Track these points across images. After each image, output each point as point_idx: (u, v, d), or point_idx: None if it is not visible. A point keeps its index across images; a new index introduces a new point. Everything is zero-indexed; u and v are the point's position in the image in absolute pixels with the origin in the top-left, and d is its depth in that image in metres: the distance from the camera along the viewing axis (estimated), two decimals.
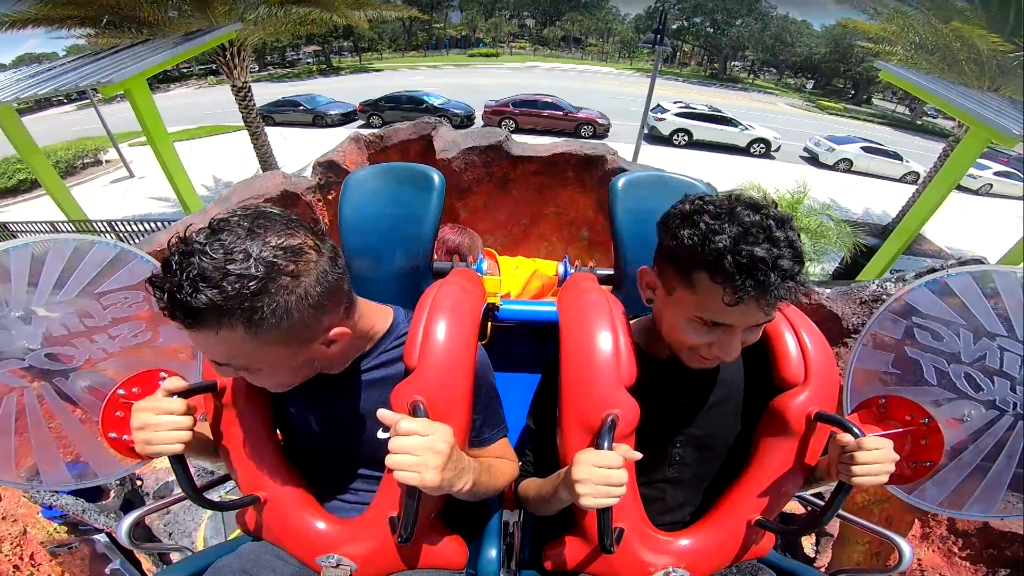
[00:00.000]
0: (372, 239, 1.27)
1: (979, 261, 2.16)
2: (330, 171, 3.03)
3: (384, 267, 1.26)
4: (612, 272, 1.30)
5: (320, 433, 0.93)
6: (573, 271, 1.36)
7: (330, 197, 3.07)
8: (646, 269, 0.86)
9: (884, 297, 2.16)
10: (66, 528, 1.77)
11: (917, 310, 0.95)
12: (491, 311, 1.40)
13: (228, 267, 0.59)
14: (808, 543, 2.07)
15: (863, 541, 1.82)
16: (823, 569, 1.98)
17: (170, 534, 2.16)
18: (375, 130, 3.22)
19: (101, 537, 1.75)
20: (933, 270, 2.24)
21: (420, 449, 0.69)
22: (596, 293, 0.98)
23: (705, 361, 0.83)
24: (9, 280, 0.89)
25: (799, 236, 0.71)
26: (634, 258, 1.25)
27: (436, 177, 1.24)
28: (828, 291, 2.28)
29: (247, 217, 0.65)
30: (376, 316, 0.91)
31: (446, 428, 0.73)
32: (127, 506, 2.05)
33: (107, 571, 1.74)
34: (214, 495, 0.98)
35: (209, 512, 2.19)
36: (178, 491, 0.94)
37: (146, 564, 1.86)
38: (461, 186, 3.07)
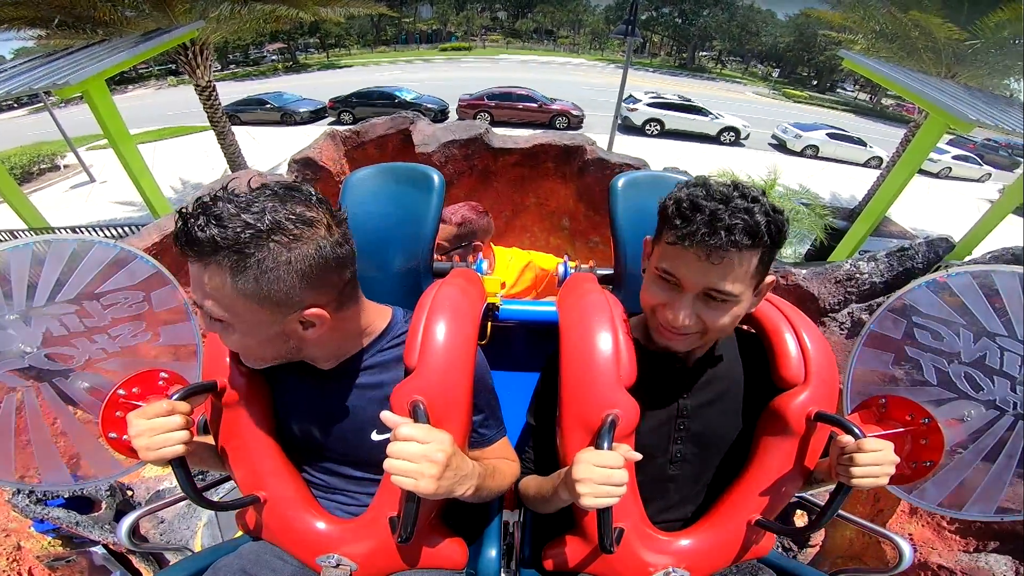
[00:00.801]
0: (372, 239, 1.25)
1: (946, 239, 2.26)
2: (306, 168, 2.98)
3: (384, 267, 1.25)
4: (612, 272, 1.30)
5: (312, 431, 0.92)
6: (573, 271, 1.36)
7: None
8: (648, 239, 0.88)
9: (857, 276, 2.24)
10: (60, 541, 1.75)
11: (917, 310, 0.94)
12: (491, 311, 1.40)
13: (242, 215, 0.64)
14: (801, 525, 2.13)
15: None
16: (808, 563, 2.03)
17: (167, 543, 2.12)
18: (351, 126, 3.17)
19: (98, 549, 1.74)
20: (903, 249, 2.33)
21: (417, 457, 0.69)
22: (596, 293, 0.98)
23: (664, 332, 0.83)
24: (9, 281, 0.88)
25: (769, 217, 0.71)
26: (634, 257, 1.25)
27: (436, 177, 1.24)
28: (804, 272, 2.35)
29: (284, 185, 0.70)
30: (374, 315, 0.91)
31: (446, 437, 0.73)
32: (119, 517, 2.02)
33: None
34: (213, 495, 0.97)
35: (205, 519, 2.17)
36: (176, 493, 0.94)
37: (146, 573, 1.84)
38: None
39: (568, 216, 3.50)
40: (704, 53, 47.98)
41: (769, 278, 0.81)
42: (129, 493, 2.21)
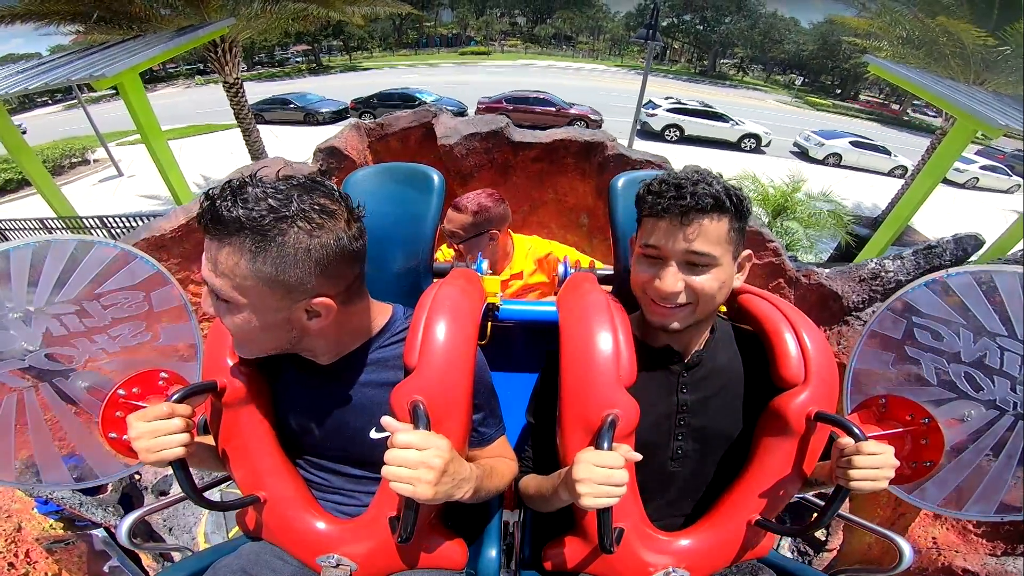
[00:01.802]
0: (372, 239, 1.22)
1: (975, 236, 2.21)
2: (331, 157, 3.03)
3: (384, 267, 1.25)
4: (612, 272, 1.30)
5: (312, 429, 0.92)
6: (573, 271, 1.36)
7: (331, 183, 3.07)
8: (632, 237, 0.94)
9: (883, 274, 2.20)
10: (62, 524, 1.72)
11: (917, 310, 0.95)
12: (491, 311, 1.40)
13: (268, 199, 0.67)
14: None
15: (873, 521, 1.82)
16: (824, 568, 1.96)
17: (170, 529, 2.13)
18: (376, 119, 3.22)
19: (99, 532, 1.70)
20: (930, 247, 2.28)
21: (415, 463, 0.69)
22: (596, 293, 0.99)
23: (658, 309, 0.86)
24: (9, 280, 0.88)
25: (729, 189, 0.81)
26: None
27: (436, 177, 1.24)
28: (827, 271, 2.31)
29: (309, 178, 0.73)
30: (376, 312, 0.92)
31: (443, 442, 0.73)
32: (125, 500, 2.02)
33: (105, 568, 1.70)
34: (213, 494, 0.96)
35: None
36: (177, 489, 0.93)
37: (146, 560, 1.82)
38: (463, 172, 3.08)
39: (587, 213, 3.50)
40: (725, 60, 47.63)
41: (746, 252, 0.89)
42: (136, 477, 2.22)
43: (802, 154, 16.70)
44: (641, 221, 0.88)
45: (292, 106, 18.02)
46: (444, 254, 1.90)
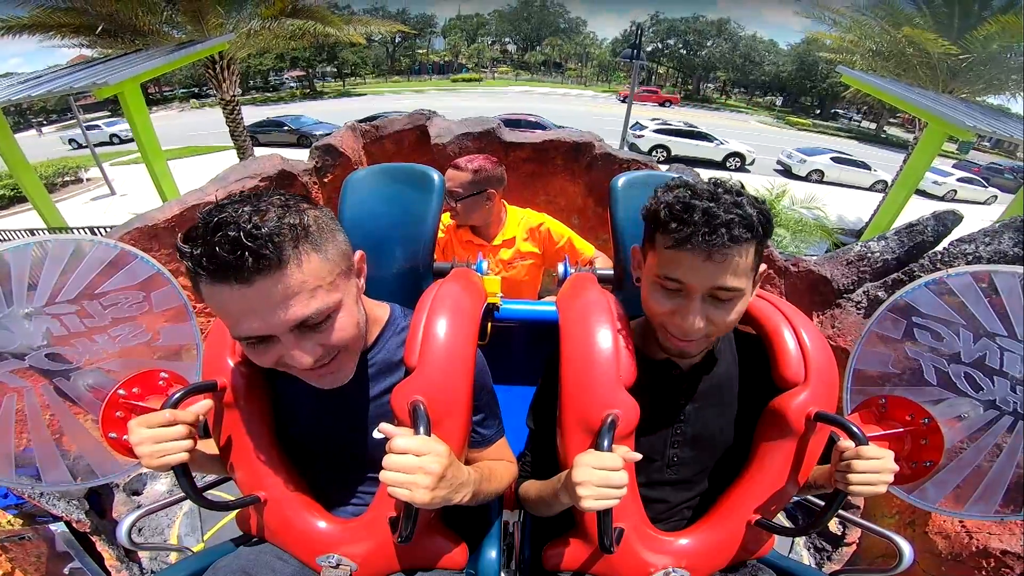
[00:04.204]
0: (372, 239, 1.25)
1: (953, 212, 2.31)
2: (327, 155, 3.11)
3: (384, 267, 1.26)
4: (612, 272, 1.30)
5: (313, 430, 0.92)
6: (573, 271, 1.37)
7: (326, 180, 3.15)
8: (636, 248, 0.88)
9: (869, 255, 2.27)
10: (21, 520, 1.64)
11: (917, 310, 0.94)
12: (491, 311, 1.40)
13: (272, 206, 0.64)
14: (833, 524, 2.04)
15: (891, 514, 1.81)
16: (844, 563, 1.95)
17: (140, 530, 2.07)
18: (372, 121, 3.33)
19: (59, 527, 1.63)
20: (911, 225, 2.36)
21: (413, 468, 0.69)
22: (596, 293, 0.99)
23: (676, 341, 0.81)
24: (9, 280, 0.88)
25: (758, 207, 0.72)
26: None
27: (436, 177, 1.24)
28: (815, 258, 2.38)
29: (245, 195, 0.68)
30: (373, 307, 0.92)
31: (442, 448, 0.72)
32: (92, 495, 1.94)
33: (66, 571, 1.63)
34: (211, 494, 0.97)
35: (185, 508, 2.09)
36: (153, 490, 0.93)
37: (109, 560, 1.74)
38: None
39: (577, 214, 3.59)
40: (708, 84, 49.14)
41: (762, 267, 0.81)
42: None
43: (786, 171, 17.04)
44: (655, 240, 0.78)
45: (286, 128, 18.22)
46: (443, 221, 1.94)
